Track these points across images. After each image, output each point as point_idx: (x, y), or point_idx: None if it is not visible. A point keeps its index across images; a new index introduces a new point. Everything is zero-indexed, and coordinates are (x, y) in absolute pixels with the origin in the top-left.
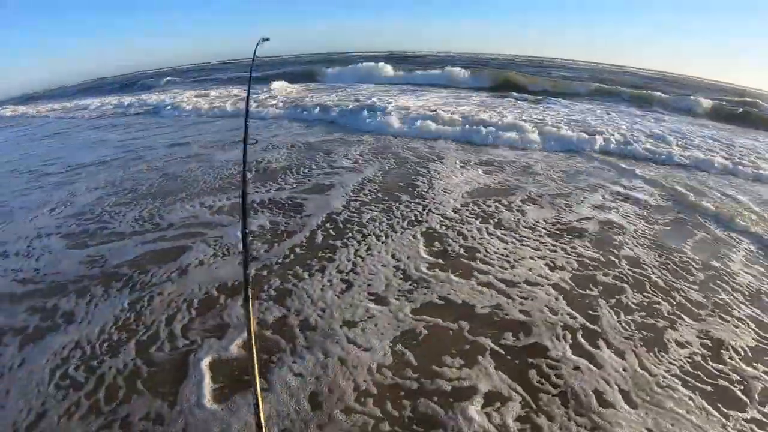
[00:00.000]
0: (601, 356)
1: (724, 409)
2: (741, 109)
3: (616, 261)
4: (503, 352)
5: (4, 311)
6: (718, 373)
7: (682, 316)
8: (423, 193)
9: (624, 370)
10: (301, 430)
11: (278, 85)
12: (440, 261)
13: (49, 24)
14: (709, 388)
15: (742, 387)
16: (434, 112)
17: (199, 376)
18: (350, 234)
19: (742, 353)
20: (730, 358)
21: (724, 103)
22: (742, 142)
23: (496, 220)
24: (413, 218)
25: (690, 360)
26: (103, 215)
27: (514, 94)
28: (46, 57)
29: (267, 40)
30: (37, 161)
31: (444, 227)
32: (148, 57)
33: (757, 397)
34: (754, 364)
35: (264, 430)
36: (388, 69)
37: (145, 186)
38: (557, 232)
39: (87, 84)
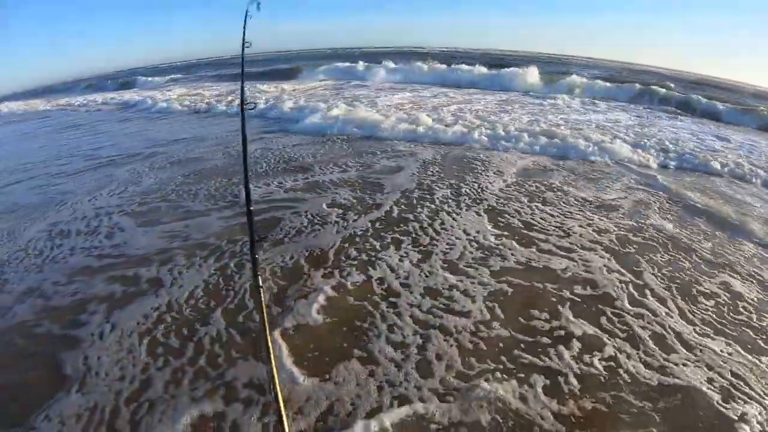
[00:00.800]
0: (652, 306)
1: (756, 354)
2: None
3: (645, 227)
4: (580, 301)
5: (85, 283)
6: (740, 321)
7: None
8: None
9: (671, 316)
10: (415, 396)
11: (308, 84)
12: (505, 233)
13: (49, 24)
14: (736, 334)
15: (765, 335)
16: (462, 118)
17: (286, 346)
18: (422, 209)
19: (757, 304)
20: (745, 308)
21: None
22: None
23: (542, 198)
24: (475, 196)
25: (717, 310)
26: (170, 195)
27: (532, 93)
28: (47, 57)
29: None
30: (76, 149)
31: (501, 204)
32: (150, 55)
33: None
34: (763, 314)
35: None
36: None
37: (207, 167)
38: (596, 208)
39: (91, 79)
